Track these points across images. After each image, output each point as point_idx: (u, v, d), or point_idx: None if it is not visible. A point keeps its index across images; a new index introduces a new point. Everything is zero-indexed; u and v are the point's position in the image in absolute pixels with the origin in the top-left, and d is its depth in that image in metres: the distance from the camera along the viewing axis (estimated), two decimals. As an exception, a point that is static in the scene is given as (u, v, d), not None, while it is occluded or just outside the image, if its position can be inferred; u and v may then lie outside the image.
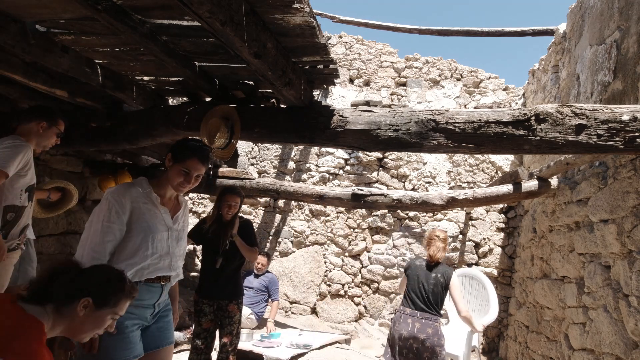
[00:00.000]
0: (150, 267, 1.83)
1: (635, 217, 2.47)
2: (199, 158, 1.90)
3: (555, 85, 4.41)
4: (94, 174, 4.80)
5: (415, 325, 3.16)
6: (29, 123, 2.49)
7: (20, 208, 2.43)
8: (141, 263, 1.79)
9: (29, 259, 2.82)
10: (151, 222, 1.83)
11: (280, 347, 4.18)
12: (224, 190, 3.33)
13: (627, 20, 2.77)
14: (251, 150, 6.67)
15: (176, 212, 1.98)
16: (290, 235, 6.26)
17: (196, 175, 1.90)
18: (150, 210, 1.84)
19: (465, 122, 2.28)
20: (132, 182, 1.90)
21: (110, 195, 1.77)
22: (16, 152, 2.30)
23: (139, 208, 1.81)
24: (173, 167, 1.88)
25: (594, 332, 2.86)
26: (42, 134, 2.52)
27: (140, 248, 1.79)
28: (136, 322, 1.81)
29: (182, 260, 2.03)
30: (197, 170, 1.90)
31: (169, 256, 1.90)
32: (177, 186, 1.90)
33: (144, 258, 1.80)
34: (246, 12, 1.86)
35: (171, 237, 1.92)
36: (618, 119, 2.05)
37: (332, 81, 2.80)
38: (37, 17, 2.14)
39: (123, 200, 1.78)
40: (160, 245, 1.85)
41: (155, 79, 3.07)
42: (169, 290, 2.01)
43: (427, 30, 5.80)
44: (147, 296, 1.84)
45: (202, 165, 1.91)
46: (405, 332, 3.15)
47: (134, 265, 1.77)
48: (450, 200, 4.04)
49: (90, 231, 1.75)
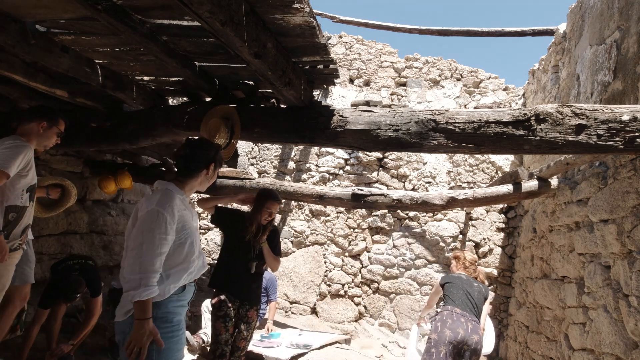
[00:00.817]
0: (195, 270, 1.94)
1: (635, 217, 2.47)
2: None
3: (555, 86, 4.41)
4: (94, 174, 4.80)
5: (469, 325, 3.17)
6: (29, 123, 2.48)
7: (22, 208, 2.43)
8: (190, 267, 1.89)
9: (27, 259, 2.81)
10: (192, 227, 1.92)
11: (280, 347, 4.18)
12: (265, 195, 3.12)
13: (627, 20, 2.77)
14: (251, 150, 6.67)
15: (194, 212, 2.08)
16: (290, 235, 6.26)
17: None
18: (188, 216, 1.91)
19: (465, 122, 2.28)
20: (168, 189, 1.87)
21: (160, 207, 1.75)
22: (17, 153, 2.29)
23: (183, 216, 1.87)
24: (213, 176, 2.04)
25: (594, 332, 2.86)
26: (42, 134, 2.51)
27: (190, 254, 1.88)
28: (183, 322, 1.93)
29: None
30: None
31: (202, 255, 2.01)
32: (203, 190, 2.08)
33: (192, 263, 1.89)
34: (246, 12, 1.86)
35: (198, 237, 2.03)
36: (618, 119, 2.05)
37: (332, 81, 2.80)
38: (37, 17, 2.13)
39: (173, 210, 1.80)
40: (198, 247, 1.96)
41: (155, 79, 3.07)
42: None
43: (427, 30, 5.80)
44: (189, 296, 1.95)
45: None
46: (462, 332, 3.12)
47: (186, 270, 1.87)
48: (450, 200, 4.04)
49: (143, 244, 1.71)
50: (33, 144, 2.48)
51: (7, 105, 3.38)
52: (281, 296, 6.01)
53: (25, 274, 2.80)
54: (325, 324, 5.74)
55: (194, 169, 1.94)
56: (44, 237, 4.25)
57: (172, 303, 1.84)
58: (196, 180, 1.97)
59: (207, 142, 2.10)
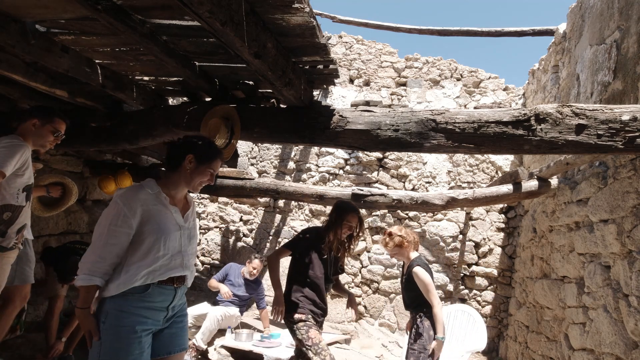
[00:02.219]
0: (162, 269, 1.81)
1: (635, 217, 2.47)
2: (221, 158, 1.99)
3: (555, 85, 4.41)
4: (94, 174, 4.80)
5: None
6: (25, 122, 2.47)
7: (18, 207, 2.42)
8: (152, 265, 1.78)
9: (27, 259, 2.82)
10: (162, 224, 1.82)
11: (280, 347, 4.18)
12: (344, 208, 2.98)
13: (627, 20, 2.77)
14: (251, 150, 6.67)
15: (186, 211, 1.98)
16: (291, 235, 6.26)
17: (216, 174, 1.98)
18: (160, 212, 1.84)
19: (465, 122, 2.28)
20: (140, 184, 1.87)
21: (120, 199, 1.76)
22: (14, 152, 2.28)
23: (149, 210, 1.80)
24: (198, 168, 1.90)
25: (594, 332, 2.86)
26: (35, 132, 2.45)
27: (152, 250, 1.78)
28: (148, 327, 1.78)
29: (195, 258, 2.05)
30: (217, 169, 1.98)
31: (181, 255, 1.88)
32: (198, 186, 1.92)
33: (155, 260, 1.78)
34: (246, 12, 1.86)
35: (183, 236, 1.91)
36: (618, 119, 2.05)
37: (332, 81, 2.80)
38: (37, 17, 2.13)
39: (132, 204, 1.76)
40: (172, 245, 1.84)
41: (155, 79, 3.07)
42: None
43: (427, 30, 5.80)
44: (160, 299, 1.82)
45: (221, 163, 2.02)
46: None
47: (145, 267, 1.76)
48: (450, 200, 4.04)
49: (96, 233, 1.76)
50: (30, 144, 2.45)
51: (7, 105, 3.38)
52: (281, 296, 6.00)
53: (26, 274, 2.80)
54: (325, 324, 5.73)
55: (173, 163, 1.91)
56: (43, 237, 4.25)
57: (130, 302, 1.74)
58: (178, 175, 1.90)
59: (189, 138, 2.01)
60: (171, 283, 1.85)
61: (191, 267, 1.96)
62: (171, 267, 1.84)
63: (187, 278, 1.94)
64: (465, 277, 5.64)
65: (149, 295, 1.78)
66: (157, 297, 1.81)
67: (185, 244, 1.92)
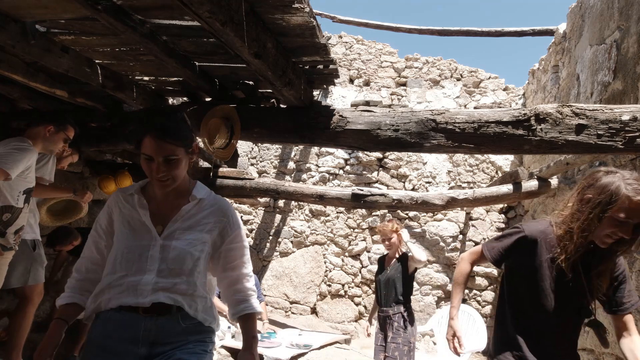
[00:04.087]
0: (110, 292, 1.35)
1: (635, 217, 2.47)
2: (156, 135, 1.37)
3: (555, 85, 4.41)
4: (94, 174, 4.80)
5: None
6: (37, 126, 2.55)
7: (17, 209, 2.47)
8: (101, 287, 1.38)
9: (41, 260, 2.89)
10: (123, 231, 1.42)
11: (280, 347, 4.18)
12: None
13: (627, 20, 2.77)
14: (251, 150, 6.67)
15: (177, 212, 1.45)
16: (290, 235, 6.26)
17: (165, 159, 1.37)
18: (126, 216, 1.44)
19: (465, 122, 2.28)
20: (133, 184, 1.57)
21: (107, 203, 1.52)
22: (22, 156, 2.34)
23: (120, 214, 1.45)
24: (146, 164, 1.40)
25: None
26: (48, 138, 2.57)
27: (108, 265, 1.41)
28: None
29: (194, 277, 1.40)
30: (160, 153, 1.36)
31: (143, 273, 1.34)
32: (156, 181, 1.42)
33: (105, 279, 1.38)
34: (246, 12, 1.86)
35: (162, 247, 1.38)
36: (618, 119, 2.05)
37: (332, 81, 2.80)
38: (37, 17, 2.13)
39: (108, 207, 1.49)
40: (131, 259, 1.36)
41: (155, 79, 3.07)
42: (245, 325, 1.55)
43: (427, 30, 5.81)
44: (116, 329, 1.32)
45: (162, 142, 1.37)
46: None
47: (108, 284, 1.36)
48: (450, 200, 4.04)
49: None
50: (38, 147, 2.52)
51: (7, 105, 3.38)
52: (281, 296, 6.01)
53: (39, 274, 2.86)
54: (325, 324, 5.74)
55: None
56: (43, 237, 4.25)
57: (104, 327, 1.33)
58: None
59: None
60: (134, 310, 1.32)
61: (175, 292, 1.36)
62: (122, 291, 1.34)
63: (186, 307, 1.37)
64: (465, 277, 5.64)
65: (122, 322, 1.33)
66: (109, 325, 1.33)
67: (165, 258, 1.37)
